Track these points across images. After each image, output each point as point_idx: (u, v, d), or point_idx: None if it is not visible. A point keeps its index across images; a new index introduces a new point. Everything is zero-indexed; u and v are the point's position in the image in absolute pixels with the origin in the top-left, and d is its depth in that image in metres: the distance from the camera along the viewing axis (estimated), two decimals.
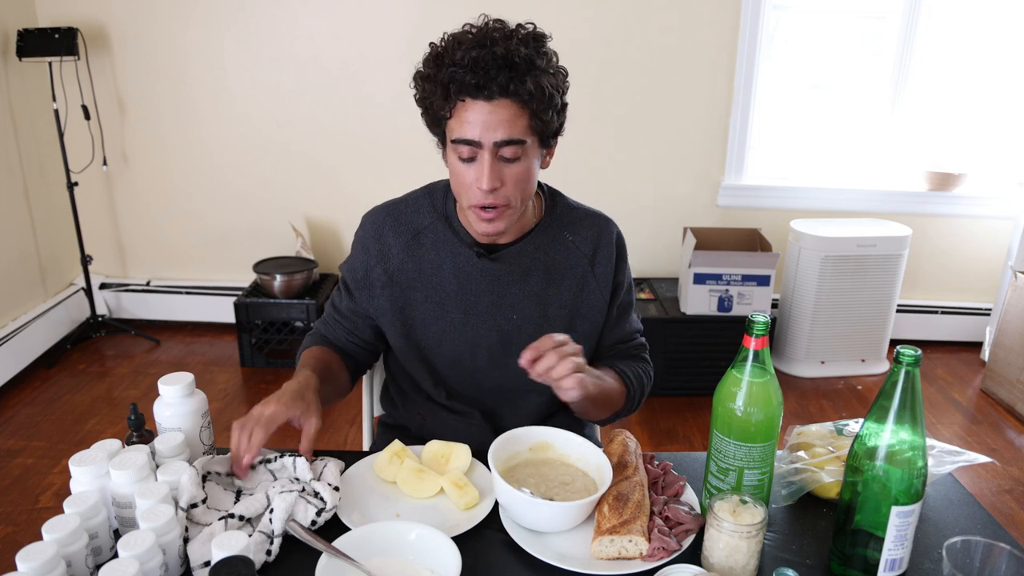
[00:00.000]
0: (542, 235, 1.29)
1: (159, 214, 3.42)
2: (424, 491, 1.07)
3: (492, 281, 1.27)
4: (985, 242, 3.39)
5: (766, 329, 0.93)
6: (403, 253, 1.28)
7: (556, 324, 1.29)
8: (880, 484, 0.90)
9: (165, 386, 1.08)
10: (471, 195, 1.16)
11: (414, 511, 1.05)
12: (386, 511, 1.05)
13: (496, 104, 1.09)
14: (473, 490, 1.05)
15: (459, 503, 1.04)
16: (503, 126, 1.10)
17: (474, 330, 1.28)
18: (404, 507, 1.06)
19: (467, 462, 1.12)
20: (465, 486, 1.05)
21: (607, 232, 1.33)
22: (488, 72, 1.07)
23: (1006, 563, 0.86)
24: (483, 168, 1.12)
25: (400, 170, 3.24)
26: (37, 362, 3.12)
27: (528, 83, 1.09)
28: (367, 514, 1.04)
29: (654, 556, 0.94)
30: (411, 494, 1.07)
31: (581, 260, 1.30)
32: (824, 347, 3.18)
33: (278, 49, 3.15)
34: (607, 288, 1.31)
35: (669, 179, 3.32)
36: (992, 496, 2.45)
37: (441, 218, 1.29)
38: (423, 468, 1.10)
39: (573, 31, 3.05)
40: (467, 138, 1.11)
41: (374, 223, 1.31)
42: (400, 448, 1.13)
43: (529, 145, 1.14)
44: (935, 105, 3.28)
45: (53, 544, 0.83)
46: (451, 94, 1.10)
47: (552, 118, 1.15)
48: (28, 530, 2.14)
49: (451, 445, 1.14)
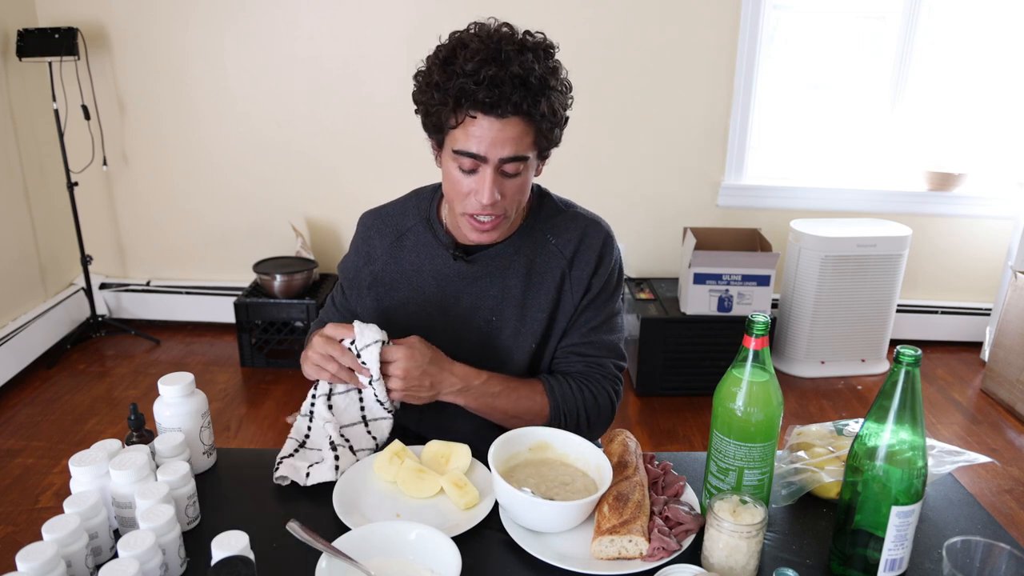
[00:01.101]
0: (523, 237, 1.27)
1: (159, 214, 3.42)
2: (424, 491, 1.07)
3: (470, 283, 1.26)
4: (985, 242, 3.39)
5: (766, 329, 0.93)
6: (387, 255, 1.30)
7: (535, 327, 1.27)
8: (880, 484, 0.90)
9: (165, 386, 1.08)
10: (467, 205, 1.15)
11: (414, 511, 1.05)
12: (386, 511, 1.05)
13: (506, 122, 1.08)
14: (473, 490, 1.05)
15: (459, 503, 1.04)
16: (510, 144, 1.09)
17: (454, 332, 1.27)
18: (404, 507, 1.06)
19: (467, 462, 1.12)
20: (465, 486, 1.05)
21: (592, 235, 1.28)
22: (503, 91, 1.05)
23: (1006, 563, 0.86)
24: (484, 182, 1.11)
25: (400, 170, 3.24)
26: (37, 362, 3.12)
27: (542, 104, 1.08)
28: (367, 514, 1.04)
29: (654, 556, 0.94)
30: (411, 494, 1.07)
31: (560, 262, 1.27)
32: (824, 347, 3.18)
33: (278, 49, 3.15)
34: (580, 289, 1.27)
35: (669, 179, 3.32)
36: (992, 496, 2.45)
37: (423, 220, 1.29)
38: (423, 468, 1.10)
39: (573, 31, 3.04)
40: (472, 152, 1.10)
41: (364, 225, 1.34)
42: (400, 448, 1.13)
43: (530, 160, 1.14)
44: (935, 105, 3.28)
45: (53, 544, 0.83)
46: (462, 107, 1.08)
47: (556, 135, 1.16)
48: (28, 530, 2.14)
49: (451, 445, 1.14)
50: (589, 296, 1.27)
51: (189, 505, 1.00)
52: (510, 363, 1.29)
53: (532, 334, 1.28)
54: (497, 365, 1.28)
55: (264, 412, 2.84)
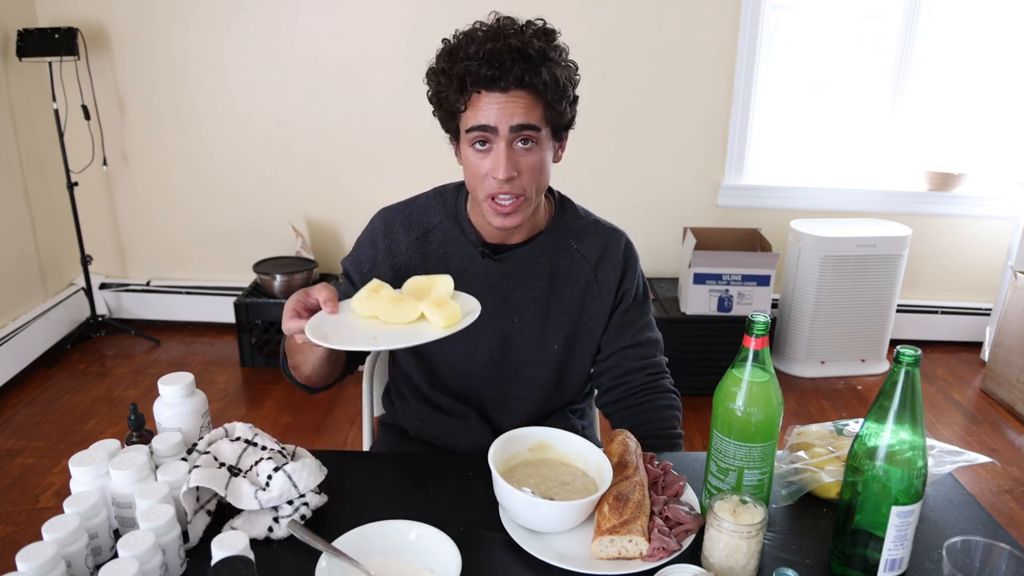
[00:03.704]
0: (549, 240, 1.28)
1: (159, 214, 3.42)
2: (403, 317, 1.03)
3: (495, 282, 1.27)
4: (985, 242, 3.39)
5: (766, 329, 0.93)
6: (411, 250, 1.28)
7: (557, 330, 1.28)
8: (880, 484, 0.90)
9: (165, 386, 1.08)
10: (487, 185, 1.16)
11: (393, 334, 1.01)
12: (363, 336, 1.01)
13: (511, 95, 1.11)
14: (454, 305, 1.02)
15: (439, 322, 1.01)
16: (519, 113, 1.11)
17: (475, 332, 1.26)
18: (382, 332, 1.02)
19: (449, 289, 1.08)
20: (445, 304, 1.02)
21: (614, 242, 1.32)
22: (503, 64, 1.08)
23: (1006, 563, 0.86)
24: (499, 156, 1.12)
25: (400, 170, 3.24)
26: (37, 362, 3.12)
27: (543, 74, 1.10)
28: (344, 341, 0.99)
29: (654, 556, 0.94)
30: (390, 320, 1.03)
31: (585, 268, 1.29)
32: (824, 347, 3.18)
33: (278, 49, 3.15)
34: (610, 296, 1.30)
35: (669, 179, 3.32)
36: (992, 496, 2.45)
37: (451, 217, 1.29)
38: (402, 297, 1.06)
39: (573, 31, 3.02)
40: (482, 123, 1.12)
41: (385, 220, 1.32)
42: (377, 284, 1.09)
43: (543, 134, 1.15)
44: (935, 105, 3.28)
45: (53, 544, 0.83)
46: (467, 86, 1.11)
47: (565, 109, 1.16)
48: (28, 530, 2.14)
49: (433, 277, 1.10)
50: (627, 301, 1.32)
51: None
52: (532, 363, 1.30)
53: (555, 336, 1.29)
54: (519, 366, 1.29)
55: (264, 412, 2.84)
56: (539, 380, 1.31)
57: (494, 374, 1.30)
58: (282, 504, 0.98)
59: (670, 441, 1.29)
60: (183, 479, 0.97)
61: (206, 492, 1.00)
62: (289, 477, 0.98)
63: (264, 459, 1.01)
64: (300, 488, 0.98)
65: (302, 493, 0.99)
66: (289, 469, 0.99)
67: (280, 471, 0.99)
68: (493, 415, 1.33)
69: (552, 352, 1.29)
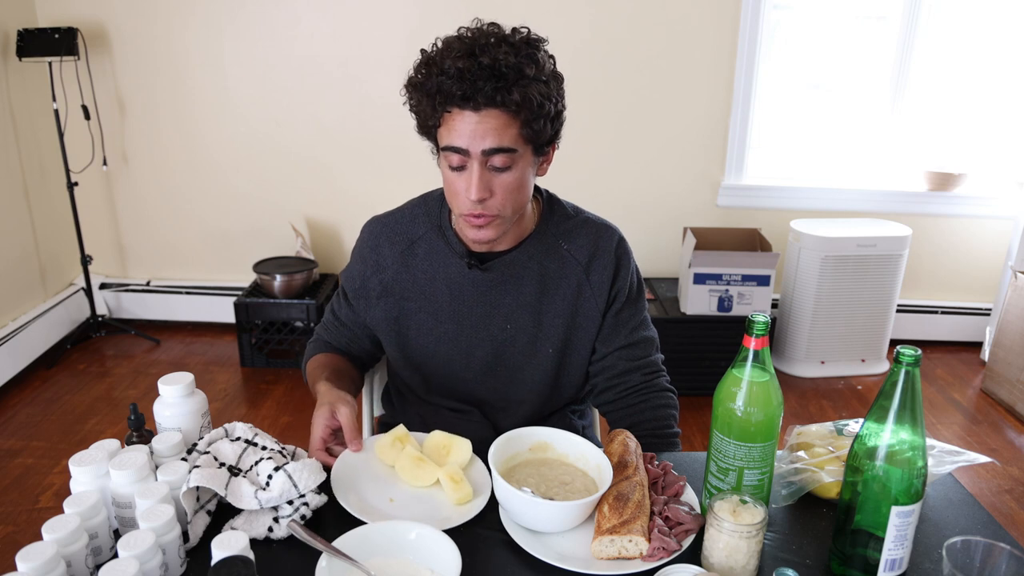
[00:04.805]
0: (536, 243, 1.26)
1: (159, 214, 3.42)
2: (420, 480, 1.07)
3: (484, 291, 1.25)
4: (985, 242, 3.39)
5: (766, 329, 0.93)
6: (397, 264, 1.27)
7: (551, 334, 1.27)
8: (880, 484, 0.90)
9: (165, 386, 1.08)
10: (460, 204, 1.14)
11: (408, 498, 1.05)
12: (381, 494, 1.05)
13: (484, 114, 1.07)
14: (468, 487, 1.05)
15: (452, 497, 1.04)
16: (491, 135, 1.08)
17: (468, 341, 1.27)
18: (399, 492, 1.06)
19: (467, 457, 1.12)
20: (460, 481, 1.05)
21: (605, 240, 1.29)
22: (475, 83, 1.05)
23: (1006, 563, 0.86)
24: (472, 178, 1.10)
25: (399, 170, 3.25)
26: (37, 362, 3.12)
27: (515, 93, 1.06)
28: (362, 496, 1.04)
29: (654, 556, 0.94)
30: (408, 481, 1.08)
31: (576, 269, 1.27)
32: (824, 347, 3.18)
33: (278, 49, 3.15)
34: (603, 296, 1.28)
35: (669, 179, 3.32)
36: (992, 496, 2.45)
37: (435, 228, 1.27)
38: (422, 457, 1.09)
39: (573, 31, 3.05)
40: (455, 146, 1.09)
41: (371, 233, 1.30)
42: (403, 433, 1.13)
43: (520, 154, 1.11)
44: (935, 105, 3.28)
45: (53, 544, 0.83)
46: (438, 104, 1.09)
47: (544, 127, 1.11)
48: (28, 530, 2.14)
49: (453, 438, 1.14)
50: (620, 300, 1.29)
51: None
52: (527, 368, 1.29)
53: (549, 339, 1.27)
54: (513, 372, 1.28)
55: (264, 412, 2.84)
56: (535, 384, 1.30)
57: (490, 380, 1.30)
58: (282, 504, 0.98)
59: (667, 440, 1.29)
60: (183, 479, 0.96)
61: (206, 492, 1.00)
62: (289, 477, 0.99)
63: (264, 459, 1.02)
64: (300, 488, 0.99)
65: (302, 493, 0.99)
66: (289, 469, 0.99)
67: (280, 471, 0.99)
68: (493, 416, 1.33)
69: (547, 356, 1.28)
